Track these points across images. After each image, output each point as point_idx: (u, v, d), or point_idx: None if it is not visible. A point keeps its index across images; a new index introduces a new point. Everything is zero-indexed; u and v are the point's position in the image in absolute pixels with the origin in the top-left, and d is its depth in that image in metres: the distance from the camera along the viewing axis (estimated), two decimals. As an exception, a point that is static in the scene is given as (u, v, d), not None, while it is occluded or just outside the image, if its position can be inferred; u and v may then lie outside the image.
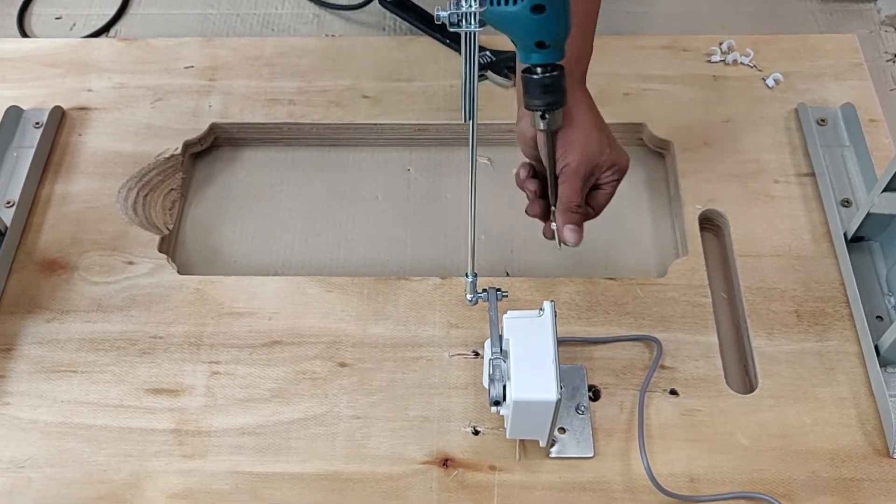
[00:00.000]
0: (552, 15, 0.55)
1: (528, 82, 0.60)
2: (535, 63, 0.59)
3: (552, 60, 0.59)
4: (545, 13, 0.55)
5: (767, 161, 0.86)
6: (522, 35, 0.57)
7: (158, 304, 0.78)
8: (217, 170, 0.92)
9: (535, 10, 0.55)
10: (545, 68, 0.59)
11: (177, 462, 0.69)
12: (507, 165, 0.91)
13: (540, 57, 0.58)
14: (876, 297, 0.75)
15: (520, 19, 0.55)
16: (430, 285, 0.78)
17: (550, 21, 0.56)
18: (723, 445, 0.69)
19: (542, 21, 0.55)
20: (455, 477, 0.68)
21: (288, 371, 0.73)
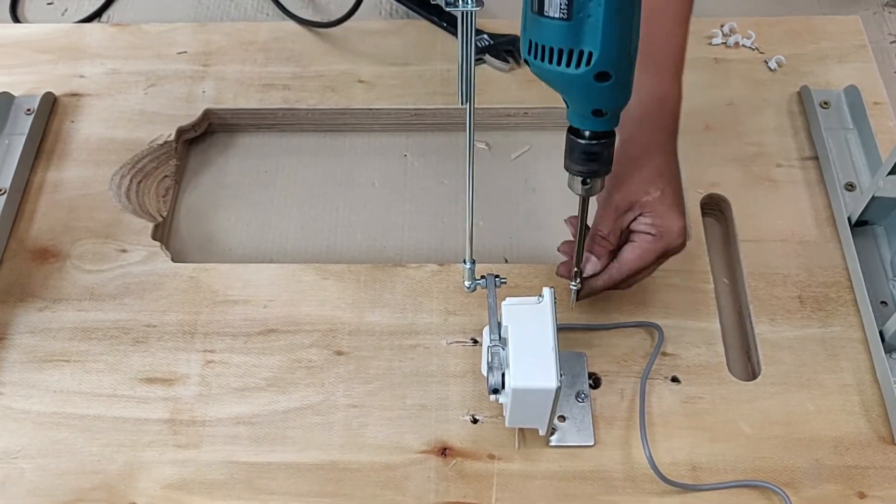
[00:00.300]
0: (616, 84, 0.51)
1: (573, 145, 0.56)
2: (587, 129, 0.55)
3: (606, 129, 0.55)
4: (610, 81, 0.51)
5: (770, 145, 0.85)
6: (580, 100, 0.53)
7: (152, 293, 0.77)
8: (211, 156, 0.90)
9: (600, 78, 0.50)
10: (595, 135, 0.55)
11: (171, 452, 0.68)
12: (505, 150, 0.89)
13: (593, 124, 0.54)
14: (880, 282, 0.74)
15: (580, 84, 0.51)
16: (428, 272, 0.77)
17: (614, 90, 0.51)
18: (725, 433, 0.68)
19: (604, 89, 0.51)
20: (454, 466, 0.67)
21: (283, 359, 0.72)
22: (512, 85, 0.90)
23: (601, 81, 0.51)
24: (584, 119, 0.55)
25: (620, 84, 0.51)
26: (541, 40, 0.50)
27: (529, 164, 0.88)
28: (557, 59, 0.50)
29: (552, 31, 0.49)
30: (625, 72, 0.51)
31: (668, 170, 0.65)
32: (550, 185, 0.87)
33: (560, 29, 0.49)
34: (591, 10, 0.48)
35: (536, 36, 0.50)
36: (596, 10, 0.48)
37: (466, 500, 0.65)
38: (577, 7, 0.48)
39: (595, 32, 0.49)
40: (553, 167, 0.88)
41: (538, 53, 0.51)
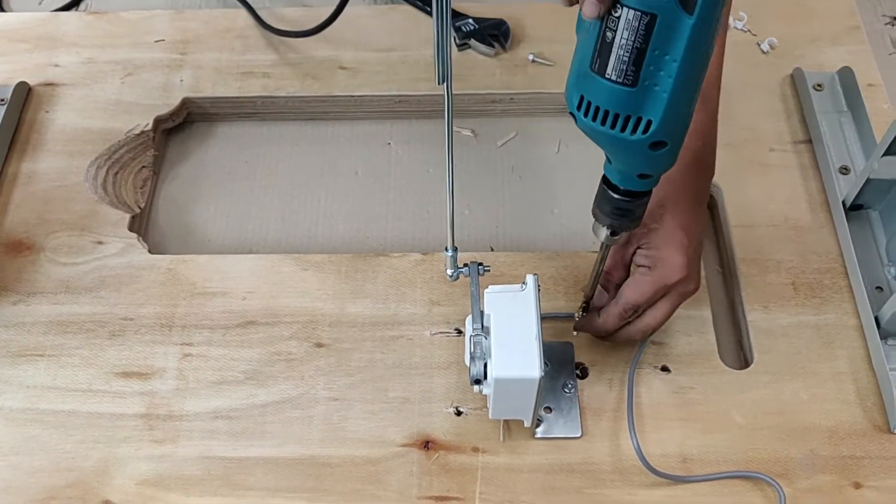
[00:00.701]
0: (670, 151, 0.48)
1: (607, 198, 0.54)
2: (627, 188, 0.52)
3: (646, 189, 0.53)
4: (664, 149, 0.48)
5: (762, 129, 0.82)
6: (628, 163, 0.51)
7: (129, 285, 0.75)
8: (190, 146, 0.88)
9: (655, 146, 0.47)
10: (632, 193, 0.53)
11: (147, 448, 0.66)
12: (491, 137, 0.87)
13: (634, 185, 0.52)
14: (875, 268, 0.72)
15: (632, 150, 0.48)
16: (411, 262, 0.75)
17: (666, 157, 0.49)
18: (717, 424, 0.66)
19: (657, 156, 0.48)
20: (437, 459, 0.65)
21: (262, 352, 0.70)
22: (497, 70, 0.88)
23: (656, 149, 0.48)
24: (625, 178, 0.52)
25: (672, 150, 0.49)
26: (595, 101, 0.47)
27: (516, 151, 0.86)
28: (612, 122, 0.47)
29: (611, 95, 0.46)
30: (679, 139, 0.49)
31: (675, 201, 0.61)
32: (537, 172, 0.85)
33: (621, 94, 0.46)
34: (660, 80, 0.45)
35: (591, 95, 0.47)
36: (665, 80, 0.45)
37: (450, 495, 0.63)
38: (644, 76, 0.45)
39: (659, 103, 0.45)
40: (540, 154, 0.86)
41: (590, 113, 0.47)
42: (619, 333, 0.66)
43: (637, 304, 0.63)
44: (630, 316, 0.64)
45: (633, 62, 0.45)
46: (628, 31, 0.44)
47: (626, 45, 0.44)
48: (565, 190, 0.83)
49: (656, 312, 0.64)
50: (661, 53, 0.44)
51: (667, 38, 0.44)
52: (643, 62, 0.44)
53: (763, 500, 0.63)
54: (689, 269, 0.61)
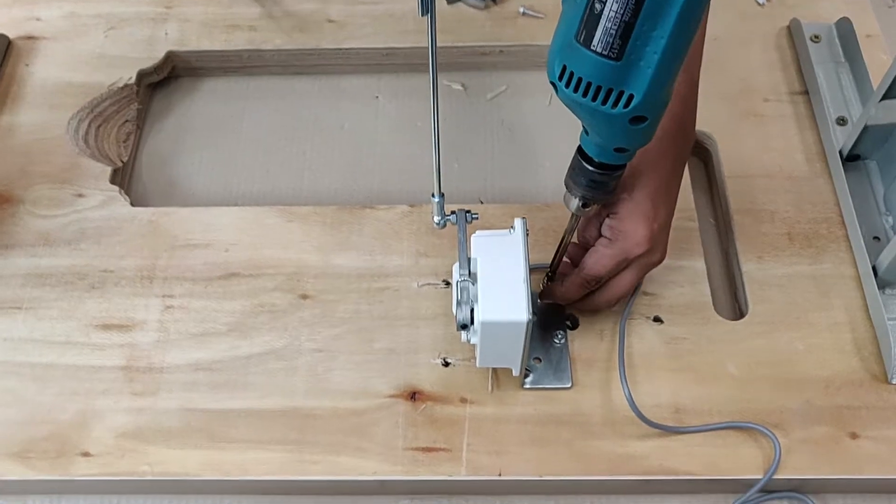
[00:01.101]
0: (649, 126, 0.48)
1: (581, 169, 0.53)
2: (602, 160, 0.52)
3: (622, 163, 0.53)
4: (644, 124, 0.47)
5: (757, 80, 0.81)
6: (606, 136, 0.50)
7: (109, 237, 0.73)
8: (175, 101, 0.86)
9: (636, 121, 0.47)
10: (608, 166, 0.52)
11: (127, 400, 0.64)
12: (481, 91, 0.86)
13: (610, 158, 0.52)
14: (873, 217, 0.70)
15: (612, 123, 0.47)
16: (398, 213, 0.73)
17: (645, 131, 0.48)
18: (710, 375, 0.65)
19: (636, 131, 0.48)
20: (423, 411, 0.63)
21: (246, 304, 0.69)
22: (487, 23, 0.86)
23: (636, 124, 0.47)
24: (602, 152, 0.52)
25: (651, 125, 0.48)
26: (579, 72, 0.46)
27: (506, 105, 0.84)
28: (594, 95, 0.46)
29: (595, 67, 0.45)
30: (659, 114, 0.48)
31: (649, 170, 0.59)
32: (527, 125, 0.83)
33: (605, 67, 0.44)
34: (645, 55, 0.44)
35: (575, 66, 0.46)
36: (650, 56, 0.44)
37: (436, 446, 0.62)
38: (630, 50, 0.44)
39: (643, 78, 0.45)
40: (530, 107, 0.84)
41: (572, 83, 0.46)
42: (584, 303, 0.64)
43: (598, 275, 0.61)
44: (593, 286, 0.62)
45: (621, 36, 0.43)
46: (618, 4, 0.43)
47: (615, 17, 0.43)
48: (555, 143, 0.81)
49: (620, 283, 0.62)
50: (649, 28, 0.43)
51: (657, 13, 0.43)
52: (630, 36, 0.43)
53: (758, 451, 0.61)
54: (652, 241, 0.59)
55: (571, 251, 0.64)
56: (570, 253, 0.64)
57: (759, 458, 0.61)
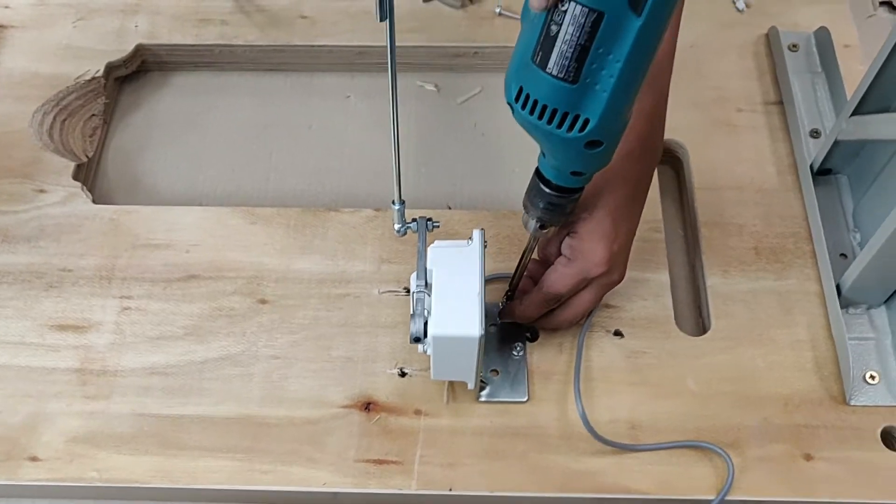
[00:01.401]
0: (605, 150, 0.47)
1: (538, 191, 0.53)
2: (559, 183, 0.51)
3: (579, 186, 0.52)
4: (599, 149, 0.47)
5: (732, 88, 0.79)
6: (562, 159, 0.49)
7: (69, 235, 0.72)
8: (144, 95, 0.85)
9: (591, 145, 0.46)
10: (566, 189, 0.52)
11: (79, 403, 0.64)
12: (454, 92, 0.84)
13: (567, 181, 0.51)
14: (841, 234, 0.69)
15: (567, 147, 0.47)
16: (363, 217, 0.73)
17: (601, 156, 0.48)
18: (670, 390, 0.64)
19: (591, 155, 0.47)
20: (377, 421, 0.63)
21: (204, 307, 0.68)
22: (463, 23, 0.85)
23: (591, 148, 0.47)
24: (559, 174, 0.51)
25: (607, 150, 0.48)
26: (534, 94, 0.45)
27: (479, 108, 0.83)
28: (549, 118, 0.45)
29: (550, 90, 0.44)
30: (616, 139, 0.48)
31: (610, 189, 0.57)
32: (500, 129, 0.82)
33: (560, 90, 0.44)
34: (602, 79, 0.43)
35: (530, 88, 0.45)
36: (606, 80, 0.43)
37: (389, 458, 0.61)
38: (586, 74, 0.43)
39: (598, 102, 0.44)
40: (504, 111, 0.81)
41: (528, 106, 0.45)
42: (544, 321, 0.64)
43: (558, 294, 0.60)
44: (552, 304, 0.61)
45: (576, 59, 0.43)
46: (574, 27, 0.42)
47: (571, 40, 0.42)
48: (527, 149, 0.78)
49: (579, 302, 0.62)
50: (605, 52, 0.42)
51: (612, 37, 0.42)
52: (586, 60, 0.43)
53: (712, 471, 0.61)
54: (611, 262, 0.58)
55: (532, 268, 0.63)
56: (531, 269, 0.63)
57: (713, 478, 0.60)
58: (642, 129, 0.57)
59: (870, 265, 0.61)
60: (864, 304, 0.66)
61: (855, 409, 0.63)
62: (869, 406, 0.63)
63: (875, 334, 0.65)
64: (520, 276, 0.63)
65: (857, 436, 0.62)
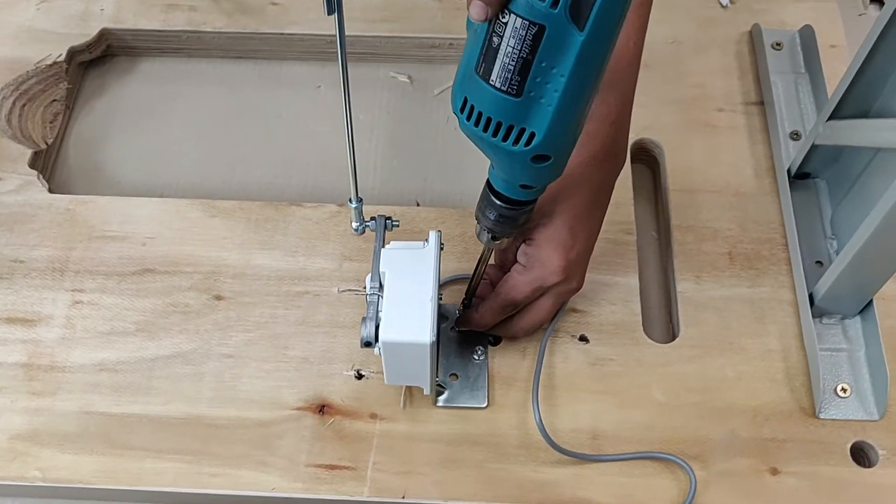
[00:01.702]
0: (553, 164, 0.45)
1: (489, 203, 0.51)
2: (509, 195, 0.49)
3: (530, 199, 0.50)
4: (547, 163, 0.45)
5: (713, 87, 0.77)
6: (509, 172, 0.47)
7: (23, 225, 0.70)
8: (109, 81, 0.83)
9: (538, 159, 0.44)
10: (516, 202, 0.50)
11: (24, 399, 0.62)
12: (428, 85, 0.82)
13: (517, 194, 0.49)
14: (817, 240, 0.67)
15: (514, 160, 0.45)
16: (326, 213, 0.70)
17: (549, 170, 0.46)
18: (635, 399, 0.62)
19: (538, 169, 0.45)
20: (331, 425, 0.61)
21: (157, 303, 0.66)
22: (438, 13, 0.83)
23: (539, 162, 0.45)
24: (509, 187, 0.49)
25: (556, 164, 0.46)
26: (479, 106, 0.43)
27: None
28: (494, 130, 0.43)
29: (494, 103, 0.42)
30: (565, 153, 0.46)
31: (569, 196, 0.55)
32: (474, 124, 0.79)
33: (504, 103, 0.42)
34: (546, 93, 0.41)
35: (475, 99, 0.43)
36: (551, 94, 0.41)
37: (341, 464, 0.59)
38: (529, 87, 0.41)
39: (544, 116, 0.42)
40: (478, 105, 0.80)
41: (472, 117, 0.43)
42: (501, 328, 0.62)
43: (514, 302, 0.58)
44: (508, 311, 0.60)
45: (519, 72, 0.41)
46: (515, 40, 0.40)
47: (512, 53, 0.40)
48: None
49: (536, 310, 0.60)
50: (548, 66, 0.40)
51: (555, 51, 0.40)
52: (529, 73, 0.41)
53: (674, 483, 0.59)
54: (568, 271, 0.56)
55: (490, 272, 0.61)
56: (490, 274, 0.61)
57: (675, 491, 0.58)
58: (606, 135, 0.55)
59: (844, 273, 0.59)
60: (838, 315, 0.64)
61: (825, 422, 0.61)
62: (839, 420, 0.61)
63: (848, 345, 0.63)
64: (475, 286, 0.61)
65: (825, 450, 0.60)
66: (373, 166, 0.77)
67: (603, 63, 0.41)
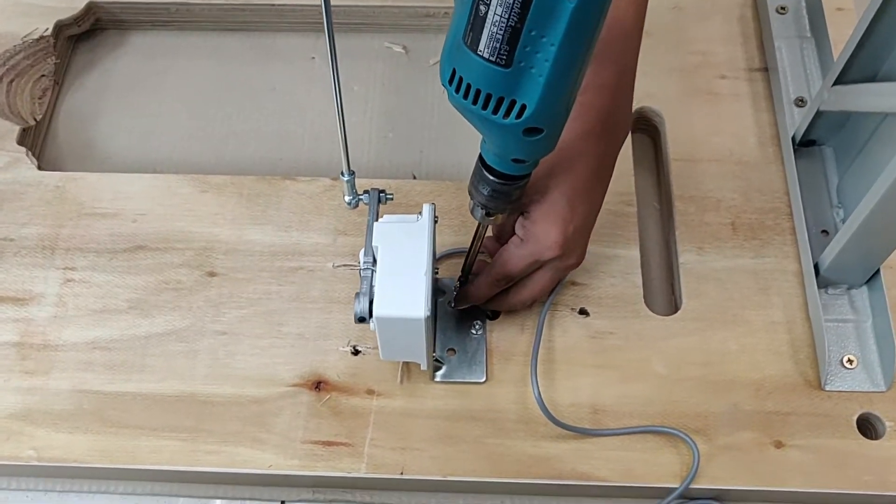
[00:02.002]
0: (546, 137, 0.44)
1: (482, 177, 0.49)
2: (502, 170, 0.48)
3: (523, 173, 0.48)
4: (539, 136, 0.43)
5: (715, 54, 0.75)
6: (500, 146, 0.46)
7: (12, 202, 0.69)
8: (99, 56, 0.81)
9: (529, 132, 0.43)
10: (509, 177, 0.48)
11: (17, 379, 0.61)
12: (424, 55, 0.80)
13: (509, 168, 0.48)
14: (823, 209, 0.66)
15: (505, 133, 0.43)
16: (320, 187, 0.69)
17: (541, 143, 0.44)
18: (636, 373, 0.61)
19: (530, 142, 0.44)
20: (327, 401, 0.60)
21: (150, 280, 0.65)
22: (433, -20, 0.81)
23: (530, 136, 0.43)
24: (501, 161, 0.48)
25: (549, 137, 0.44)
26: (467, 77, 0.41)
27: (449, 71, 0.79)
28: (484, 103, 0.41)
29: (483, 74, 0.40)
30: (558, 126, 0.44)
31: (567, 169, 0.53)
32: (471, 94, 0.78)
33: (493, 74, 0.40)
34: (537, 63, 0.39)
35: (463, 71, 0.41)
36: (542, 64, 0.39)
37: (338, 440, 0.58)
38: (519, 57, 0.39)
39: (535, 87, 0.40)
40: (476, 75, 0.79)
41: (461, 89, 0.42)
42: (498, 302, 0.60)
43: (509, 275, 0.57)
44: (503, 285, 0.58)
45: (507, 41, 0.39)
46: (502, 8, 0.38)
47: (500, 21, 0.38)
48: None
49: (534, 283, 0.58)
50: (538, 35, 0.39)
51: (545, 18, 0.38)
52: (518, 42, 0.39)
53: (676, 458, 0.58)
54: (565, 247, 0.55)
55: (488, 244, 0.60)
56: (487, 246, 0.60)
57: (678, 466, 0.58)
58: (603, 106, 0.53)
59: (850, 242, 0.58)
60: (844, 285, 0.62)
61: (830, 394, 0.60)
62: (845, 392, 0.60)
63: (855, 316, 0.62)
64: (471, 263, 0.59)
65: (831, 423, 0.59)
66: (367, 139, 0.75)
67: (595, 30, 0.39)
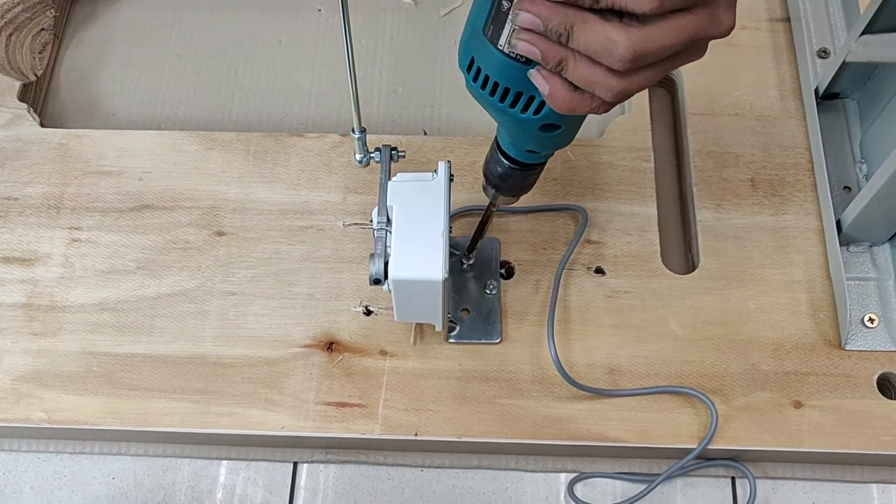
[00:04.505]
0: (562, 134, 0.43)
1: (497, 161, 0.48)
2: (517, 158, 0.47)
3: (536, 162, 0.48)
4: (556, 132, 0.42)
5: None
6: (516, 138, 0.45)
7: (15, 161, 0.67)
8: (100, 9, 0.79)
9: (547, 128, 0.42)
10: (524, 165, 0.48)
11: (25, 340, 0.60)
12: (433, 6, 0.78)
13: (524, 157, 0.47)
14: (846, 165, 0.64)
15: (522, 127, 0.42)
16: (329, 143, 0.67)
17: (556, 139, 0.43)
18: (652, 333, 0.60)
19: (547, 138, 0.43)
20: (340, 362, 0.59)
21: (157, 239, 0.64)
22: (443, -71, 0.78)
23: (547, 132, 0.42)
24: (516, 150, 0.47)
25: (566, 133, 0.43)
26: (486, 69, 0.40)
27: (460, 23, 0.76)
28: (502, 96, 0.40)
29: (502, 68, 0.39)
30: (575, 123, 0.43)
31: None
32: (482, 47, 0.75)
33: (512, 69, 0.39)
34: None
35: (482, 61, 0.40)
36: None
37: (350, 401, 0.58)
38: None
39: None
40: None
41: (479, 79, 0.40)
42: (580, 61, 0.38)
43: (663, 48, 0.35)
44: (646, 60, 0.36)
45: None
46: None
47: None
48: None
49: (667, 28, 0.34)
50: None
51: None
52: None
53: (694, 418, 0.57)
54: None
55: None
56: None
57: (695, 426, 0.57)
58: None
59: (874, 199, 0.56)
60: (866, 242, 0.61)
61: (850, 354, 0.59)
62: (865, 351, 0.59)
63: (877, 274, 0.61)
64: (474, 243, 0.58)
65: (850, 383, 0.58)
66: (376, 94, 0.74)
67: None
